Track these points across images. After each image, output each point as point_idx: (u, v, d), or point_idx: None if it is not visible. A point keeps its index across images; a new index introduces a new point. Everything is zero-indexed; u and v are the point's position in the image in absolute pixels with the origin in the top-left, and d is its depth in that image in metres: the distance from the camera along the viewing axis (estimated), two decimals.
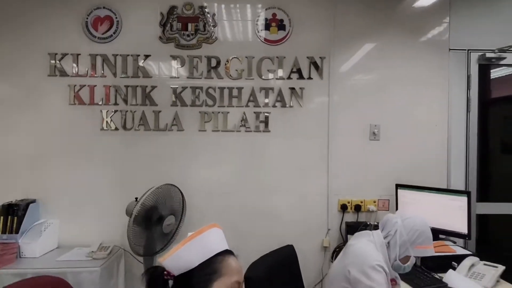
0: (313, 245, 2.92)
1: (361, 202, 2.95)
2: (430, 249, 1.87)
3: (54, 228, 2.71)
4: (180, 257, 1.07)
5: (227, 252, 1.12)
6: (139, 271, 2.73)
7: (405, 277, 2.14)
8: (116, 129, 2.85)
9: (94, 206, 2.80)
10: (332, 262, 2.73)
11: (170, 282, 1.06)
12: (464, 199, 2.51)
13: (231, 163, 2.89)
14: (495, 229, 3.06)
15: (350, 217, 2.96)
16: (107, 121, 2.84)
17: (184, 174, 2.84)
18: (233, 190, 2.89)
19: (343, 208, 2.94)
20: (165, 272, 1.07)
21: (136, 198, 2.45)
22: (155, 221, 2.41)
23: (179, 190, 2.62)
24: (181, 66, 2.88)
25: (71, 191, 2.79)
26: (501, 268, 2.23)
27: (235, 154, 2.89)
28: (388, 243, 1.86)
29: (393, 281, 1.87)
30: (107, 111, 2.84)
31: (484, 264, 2.30)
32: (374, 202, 2.96)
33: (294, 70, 2.92)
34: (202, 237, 1.09)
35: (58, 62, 2.82)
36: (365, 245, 1.85)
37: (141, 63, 2.86)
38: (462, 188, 2.97)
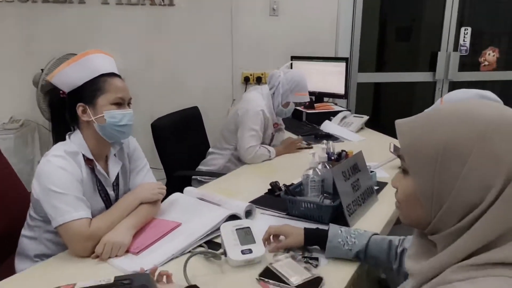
0: (219, 115, 3.25)
1: (262, 74, 3.29)
2: (306, 96, 2.30)
3: None
4: (67, 74, 1.25)
5: (113, 75, 1.29)
6: None
7: (293, 129, 2.61)
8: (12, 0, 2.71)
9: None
10: None
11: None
12: (343, 65, 2.96)
13: (135, 38, 2.97)
14: (370, 92, 3.66)
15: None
16: None
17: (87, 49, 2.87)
18: (138, 66, 2.98)
19: (246, 80, 3.27)
20: (61, 92, 1.28)
21: (42, 70, 2.50)
22: None
23: None
24: None
25: None
26: (365, 117, 2.79)
27: (140, 29, 2.96)
28: (273, 93, 2.24)
29: (276, 124, 2.31)
30: None
31: (354, 116, 2.85)
32: None
33: None
34: (87, 59, 1.26)
35: None
36: (253, 95, 2.21)
37: None
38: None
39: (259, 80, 3.29)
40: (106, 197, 1.33)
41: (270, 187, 1.64)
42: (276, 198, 1.57)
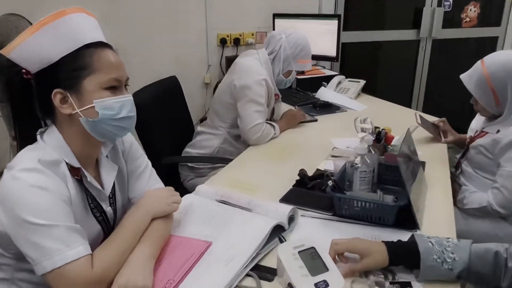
0: (194, 82, 2.86)
1: (240, 36, 2.90)
2: (309, 63, 1.99)
3: None
4: (34, 45, 0.83)
5: (102, 45, 0.90)
6: None
7: (283, 98, 2.28)
8: None
9: None
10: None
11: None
12: (334, 23, 2.64)
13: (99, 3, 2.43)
14: (354, 53, 3.39)
15: (230, 51, 2.91)
16: None
17: (33, 9, 2.31)
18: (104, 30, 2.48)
19: (222, 42, 2.86)
20: (24, 71, 0.87)
21: None
22: None
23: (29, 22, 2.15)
24: None
25: None
26: (362, 82, 2.54)
27: None
28: (273, 59, 1.89)
29: (276, 95, 1.98)
30: None
31: (349, 81, 2.58)
32: (253, 35, 2.94)
33: None
34: (65, 22, 0.84)
35: None
36: (251, 62, 1.85)
37: None
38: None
39: (237, 42, 2.89)
40: (102, 217, 0.97)
41: (298, 178, 1.34)
42: (310, 192, 1.28)
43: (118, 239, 0.90)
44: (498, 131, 1.49)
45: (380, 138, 1.40)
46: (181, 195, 1.09)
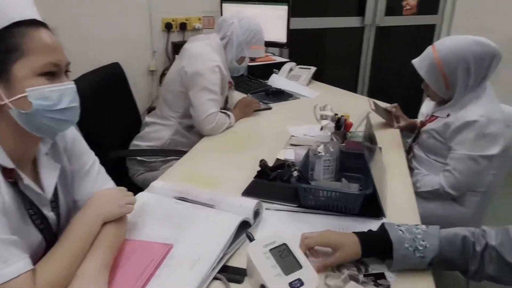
0: (139, 69, 2.68)
1: (186, 20, 2.76)
2: (263, 50, 1.92)
3: None
4: None
5: (35, 23, 0.76)
6: None
7: (235, 85, 2.20)
8: None
9: None
10: (160, 85, 2.62)
11: None
12: (284, 8, 2.59)
13: None
14: (301, 40, 3.38)
15: (176, 37, 2.76)
16: None
17: None
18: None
19: (168, 27, 2.70)
20: None
21: None
22: None
23: None
24: None
25: None
26: (313, 69, 2.53)
27: None
28: (226, 45, 1.80)
29: (230, 83, 1.90)
30: None
31: (300, 68, 2.56)
32: (200, 19, 2.81)
33: None
34: None
35: None
36: (202, 47, 1.75)
37: None
38: None
39: (183, 27, 2.75)
40: (44, 224, 0.84)
41: (258, 169, 1.29)
42: (272, 183, 1.23)
43: (64, 248, 0.79)
44: (448, 115, 1.53)
45: (340, 125, 1.38)
46: (130, 191, 0.99)
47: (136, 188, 1.13)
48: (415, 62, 1.58)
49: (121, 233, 0.90)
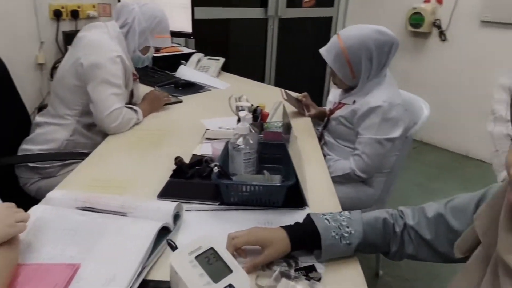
0: (25, 63, 2.36)
1: (79, 7, 2.49)
2: (168, 39, 1.80)
3: None
4: None
5: None
6: None
7: (141, 78, 2.04)
8: None
9: None
10: (51, 80, 2.33)
11: None
12: None
13: None
14: (207, 29, 3.30)
15: (67, 25, 2.48)
16: None
17: None
18: None
19: (57, 15, 2.41)
20: None
21: None
22: None
23: None
24: None
25: None
26: (221, 60, 2.47)
27: None
28: (126, 33, 1.64)
29: (134, 75, 1.75)
30: None
31: (208, 59, 2.48)
32: (94, 7, 2.56)
33: None
34: None
35: None
36: (99, 36, 1.57)
37: None
38: None
39: (75, 15, 2.48)
40: None
41: (174, 167, 1.19)
42: (191, 182, 1.15)
43: None
44: (354, 101, 1.60)
45: (257, 116, 1.34)
46: (24, 203, 0.83)
47: (30, 199, 0.95)
48: (323, 51, 1.61)
49: (13, 257, 0.74)
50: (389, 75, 1.61)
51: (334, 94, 1.84)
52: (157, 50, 2.36)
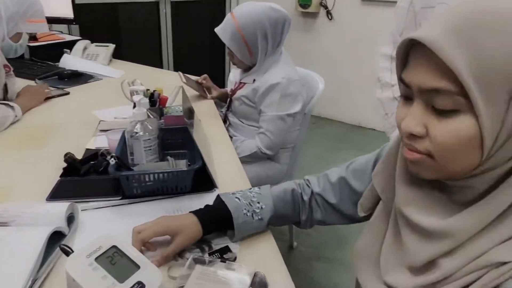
0: None
1: None
2: (44, 24, 1.59)
3: None
4: None
5: None
6: None
7: (15, 71, 1.78)
8: None
9: None
10: None
11: None
12: None
13: None
14: (92, 15, 3.04)
15: None
16: None
17: None
18: None
19: None
20: None
21: None
22: None
23: None
24: None
25: None
26: (111, 46, 2.28)
27: None
28: None
29: (6, 67, 1.51)
30: None
31: (96, 45, 2.28)
32: None
33: None
34: None
35: None
36: None
37: None
38: None
39: None
40: None
41: (65, 165, 1.06)
42: (86, 179, 1.04)
43: None
44: (254, 80, 1.60)
45: (155, 101, 1.26)
46: None
47: None
48: (218, 30, 1.58)
49: None
50: (285, 52, 1.64)
51: (234, 74, 1.82)
52: (34, 38, 2.11)
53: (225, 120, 1.75)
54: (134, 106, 1.01)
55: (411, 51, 0.52)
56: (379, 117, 1.49)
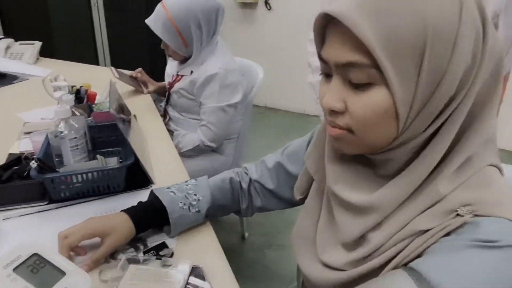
0: None
1: None
2: None
3: None
4: None
5: None
6: None
7: None
8: None
9: None
10: None
11: None
12: None
13: None
14: (15, 11, 2.82)
15: None
16: None
17: None
18: None
19: None
20: None
21: None
22: None
23: None
24: None
25: None
26: (38, 44, 2.13)
27: None
28: None
29: None
30: None
31: (21, 44, 2.11)
32: None
33: None
34: None
35: None
36: None
37: None
38: None
39: None
40: None
41: None
42: (8, 185, 0.95)
43: None
44: (192, 72, 1.56)
45: (82, 97, 1.18)
46: None
47: None
48: (149, 22, 1.52)
49: None
50: (221, 42, 1.61)
51: (171, 66, 1.77)
52: None
53: (164, 114, 1.70)
54: (58, 103, 0.94)
55: (327, 27, 0.52)
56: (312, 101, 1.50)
